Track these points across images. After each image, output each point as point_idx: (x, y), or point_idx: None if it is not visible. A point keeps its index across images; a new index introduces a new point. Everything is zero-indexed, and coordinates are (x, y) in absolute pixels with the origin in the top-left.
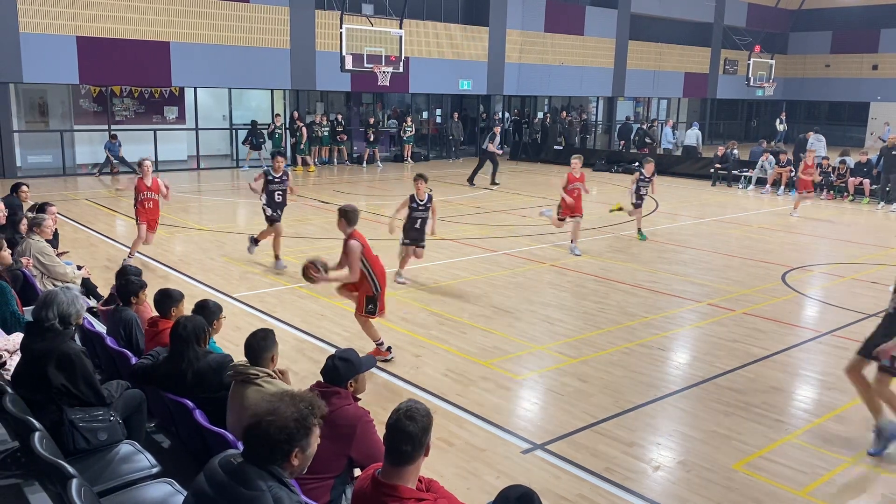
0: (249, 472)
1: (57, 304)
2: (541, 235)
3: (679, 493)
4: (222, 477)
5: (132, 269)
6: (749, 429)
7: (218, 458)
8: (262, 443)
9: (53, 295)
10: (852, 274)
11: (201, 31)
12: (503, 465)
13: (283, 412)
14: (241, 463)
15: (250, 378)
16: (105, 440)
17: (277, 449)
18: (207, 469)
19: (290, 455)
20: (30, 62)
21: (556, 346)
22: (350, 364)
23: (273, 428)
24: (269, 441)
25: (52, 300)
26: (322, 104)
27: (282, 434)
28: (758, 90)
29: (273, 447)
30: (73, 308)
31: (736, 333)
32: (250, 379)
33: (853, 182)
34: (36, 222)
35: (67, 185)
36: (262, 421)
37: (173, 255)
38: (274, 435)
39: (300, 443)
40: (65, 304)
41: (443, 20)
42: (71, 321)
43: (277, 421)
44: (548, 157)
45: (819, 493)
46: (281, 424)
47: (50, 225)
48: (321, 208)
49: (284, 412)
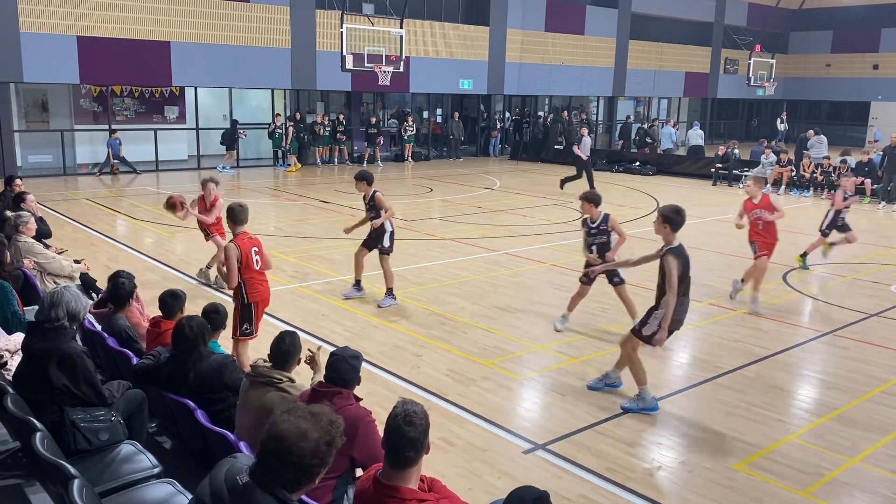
0: (255, 494)
1: (65, 302)
2: (541, 235)
3: (680, 493)
4: (226, 497)
5: (124, 272)
6: (750, 428)
7: (225, 472)
8: (289, 467)
9: (60, 294)
10: (853, 273)
11: (202, 30)
12: (504, 464)
13: (314, 435)
14: (246, 484)
15: (274, 382)
16: (106, 440)
17: (308, 473)
18: (213, 482)
19: (316, 478)
20: (30, 62)
21: (558, 345)
22: (360, 360)
23: (306, 453)
24: (301, 467)
25: (60, 299)
26: (322, 104)
27: (315, 459)
28: (758, 90)
29: (303, 473)
30: (80, 305)
31: (737, 333)
32: (273, 383)
33: (854, 182)
34: (19, 222)
35: (68, 185)
36: (290, 444)
37: (174, 255)
38: (307, 460)
39: (320, 469)
40: (73, 302)
41: (443, 20)
42: (80, 318)
43: (309, 445)
44: (548, 157)
45: (821, 492)
46: (314, 449)
47: (32, 222)
48: (321, 208)
49: (315, 435)
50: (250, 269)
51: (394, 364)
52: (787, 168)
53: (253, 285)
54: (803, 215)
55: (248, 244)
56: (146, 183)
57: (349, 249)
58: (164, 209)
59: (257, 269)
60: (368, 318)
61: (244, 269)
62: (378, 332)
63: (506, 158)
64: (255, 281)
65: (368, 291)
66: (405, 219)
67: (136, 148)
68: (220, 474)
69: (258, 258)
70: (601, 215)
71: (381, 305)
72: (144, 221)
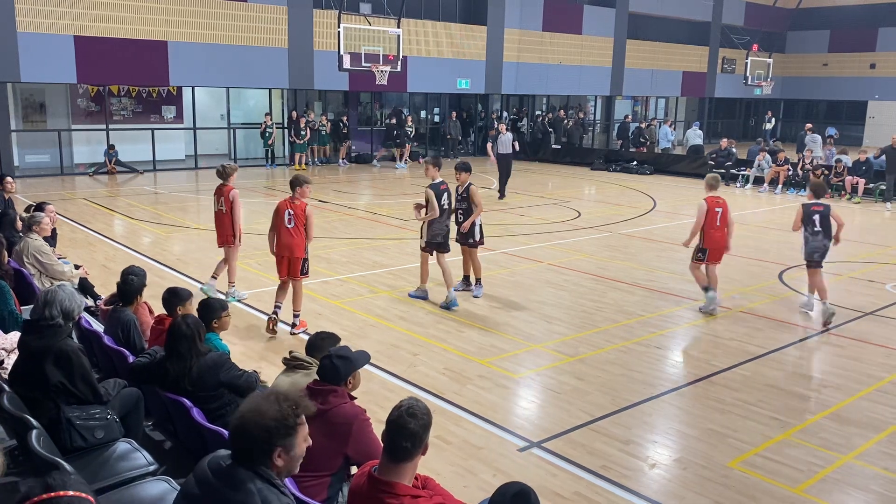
0: (238, 473)
1: (59, 301)
2: (538, 235)
3: (675, 491)
4: (211, 478)
5: (135, 269)
6: (745, 426)
7: (208, 459)
8: (242, 441)
9: (53, 293)
10: (849, 272)
11: (199, 30)
12: (500, 462)
13: (265, 411)
14: (229, 465)
15: (304, 365)
16: (102, 438)
17: (257, 447)
18: (197, 470)
19: (272, 454)
20: (27, 61)
21: (554, 344)
22: (348, 361)
23: (253, 426)
24: (249, 439)
25: (54, 298)
26: (320, 103)
27: (261, 433)
28: (756, 89)
29: (252, 446)
30: (73, 303)
31: (733, 331)
32: (304, 366)
33: (850, 181)
34: (34, 221)
35: (65, 185)
36: (244, 418)
37: (171, 254)
38: (253, 433)
39: (281, 443)
40: (67, 301)
41: (440, 19)
42: (73, 316)
43: (258, 419)
44: (546, 157)
45: (814, 490)
46: (261, 423)
47: (47, 223)
48: (322, 208)
49: (266, 411)
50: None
51: (391, 363)
52: (783, 167)
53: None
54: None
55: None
56: (143, 183)
57: (346, 249)
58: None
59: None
60: (366, 318)
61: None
62: (375, 332)
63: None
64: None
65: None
66: (402, 218)
67: (133, 148)
68: (204, 463)
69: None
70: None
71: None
72: (142, 221)
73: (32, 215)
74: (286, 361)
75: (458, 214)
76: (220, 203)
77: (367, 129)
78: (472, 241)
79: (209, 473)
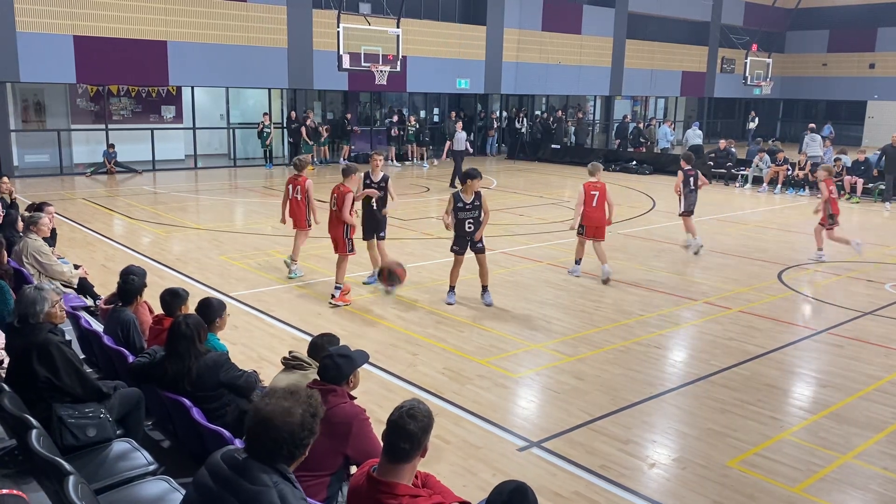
0: (254, 467)
1: (30, 300)
2: (538, 234)
3: (674, 490)
4: (226, 471)
5: (135, 268)
6: (744, 426)
7: (220, 453)
8: (267, 439)
9: (22, 293)
10: (848, 272)
11: (198, 30)
12: (499, 462)
13: (295, 412)
14: (245, 458)
15: (303, 366)
16: (94, 437)
17: (284, 447)
18: (210, 463)
19: (306, 449)
20: (27, 61)
21: (553, 344)
22: (350, 360)
23: (283, 425)
24: (275, 439)
25: (24, 298)
26: (319, 103)
27: (288, 434)
28: (755, 89)
29: (279, 445)
30: (45, 301)
31: (732, 331)
32: (302, 367)
33: (849, 181)
34: (33, 221)
35: (65, 185)
36: (273, 418)
37: (171, 254)
38: (283, 432)
39: (306, 443)
40: (39, 301)
41: (440, 19)
42: (44, 312)
43: (287, 419)
44: (545, 157)
45: (813, 489)
46: (291, 424)
47: (46, 223)
48: (318, 208)
49: (295, 412)
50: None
51: (390, 363)
52: (782, 167)
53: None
54: (803, 214)
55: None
56: (142, 183)
57: None
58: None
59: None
60: (365, 317)
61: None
62: (374, 331)
63: (503, 157)
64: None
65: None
66: (402, 218)
67: (132, 148)
68: (216, 457)
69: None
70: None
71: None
72: (141, 221)
73: (32, 215)
74: (285, 361)
75: (467, 224)
76: (296, 191)
77: (367, 128)
78: (479, 247)
79: (224, 466)
